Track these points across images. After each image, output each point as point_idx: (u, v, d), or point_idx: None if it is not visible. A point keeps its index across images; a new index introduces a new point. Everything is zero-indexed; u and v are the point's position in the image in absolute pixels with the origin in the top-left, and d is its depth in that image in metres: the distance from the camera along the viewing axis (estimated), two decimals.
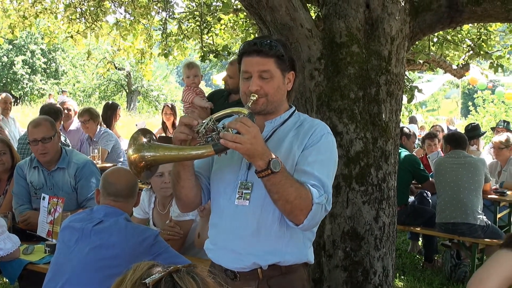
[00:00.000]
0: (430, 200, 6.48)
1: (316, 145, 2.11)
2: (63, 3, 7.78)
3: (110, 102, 8.02)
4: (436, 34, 5.93)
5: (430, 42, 5.98)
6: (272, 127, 2.22)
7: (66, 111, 6.79)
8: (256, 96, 2.10)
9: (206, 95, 5.04)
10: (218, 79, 15.71)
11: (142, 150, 1.96)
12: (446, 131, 10.75)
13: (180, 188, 2.21)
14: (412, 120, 15.60)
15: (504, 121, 9.43)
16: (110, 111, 7.44)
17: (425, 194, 6.48)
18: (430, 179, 6.00)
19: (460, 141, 5.87)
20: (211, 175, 2.29)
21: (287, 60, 2.14)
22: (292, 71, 2.19)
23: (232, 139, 1.84)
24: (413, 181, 6.22)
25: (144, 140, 1.98)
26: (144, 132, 2.04)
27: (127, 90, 31.79)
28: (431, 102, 36.94)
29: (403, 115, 16.06)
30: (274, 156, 1.93)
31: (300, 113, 2.31)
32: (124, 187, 2.86)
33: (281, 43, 2.15)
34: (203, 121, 1.98)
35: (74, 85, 32.44)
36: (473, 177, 5.49)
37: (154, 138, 2.04)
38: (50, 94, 27.11)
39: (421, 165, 6.07)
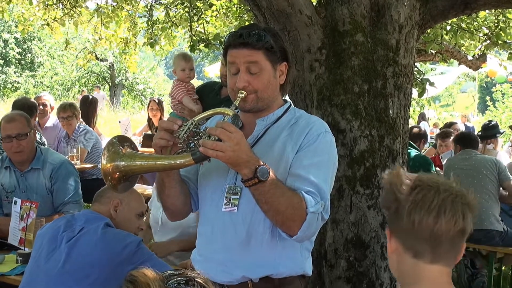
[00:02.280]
0: None
1: (312, 146, 2.10)
2: None
3: (90, 96, 8.01)
4: (449, 21, 5.93)
5: (443, 31, 5.97)
6: (265, 126, 2.21)
7: (41, 106, 6.78)
8: (245, 93, 2.09)
9: (196, 88, 5.03)
10: (211, 71, 15.68)
11: (116, 160, 1.97)
12: (461, 129, 10.74)
13: (166, 197, 2.21)
14: (423, 117, 15.58)
15: None
16: (91, 107, 7.43)
17: None
18: None
19: (470, 140, 5.91)
20: (198, 180, 2.29)
21: (277, 50, 2.13)
22: (284, 62, 2.18)
23: (212, 147, 1.84)
24: None
25: (119, 148, 1.98)
26: (121, 139, 2.04)
27: (110, 84, 31.70)
28: (445, 97, 37.00)
29: (414, 111, 16.09)
30: (261, 163, 1.92)
31: (297, 109, 2.30)
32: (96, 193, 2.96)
33: (270, 33, 2.14)
34: (185, 124, 1.98)
35: (51, 77, 32.29)
36: (485, 178, 5.48)
37: (132, 146, 2.04)
38: (83, 90, 26.96)
39: (433, 167, 6.07)
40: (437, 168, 6.31)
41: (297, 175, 2.05)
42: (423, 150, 6.90)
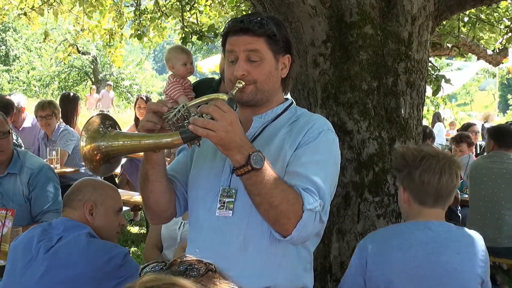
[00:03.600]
0: (460, 215, 6.49)
1: (313, 143, 2.11)
2: None
3: (71, 93, 8.01)
4: (467, 12, 5.94)
5: (460, 22, 5.99)
6: (262, 123, 2.22)
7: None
8: (243, 83, 2.10)
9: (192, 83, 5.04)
10: (205, 66, 15.67)
11: (97, 139, 1.96)
12: (480, 132, 10.71)
13: (148, 192, 2.21)
14: (438, 118, 15.52)
15: None
16: (71, 105, 7.42)
17: (453, 207, 6.47)
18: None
19: (506, 137, 5.52)
20: (188, 181, 2.29)
21: (280, 40, 2.15)
22: (287, 54, 2.20)
23: (203, 125, 1.83)
24: None
25: (100, 126, 1.97)
26: (103, 118, 2.03)
27: (92, 79, 31.72)
28: (463, 95, 37.11)
29: (428, 111, 16.10)
30: (256, 150, 1.92)
31: (298, 107, 2.32)
32: (64, 195, 2.95)
33: (273, 21, 2.16)
34: (175, 107, 1.98)
35: (28, 72, 32.31)
36: (511, 192, 5.26)
37: (116, 125, 2.04)
38: (91, 88, 26.77)
39: None
40: None
41: (295, 173, 2.05)
42: None
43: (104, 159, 1.98)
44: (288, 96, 2.47)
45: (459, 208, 6.54)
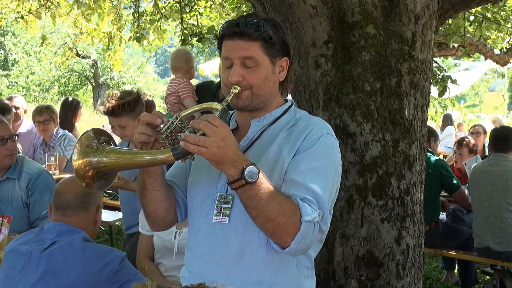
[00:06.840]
0: (465, 220, 6.45)
1: (311, 149, 2.09)
2: None
3: (71, 98, 8.01)
4: (472, 11, 5.94)
5: (466, 21, 5.98)
6: (260, 127, 2.22)
7: (13, 109, 6.79)
8: (238, 88, 2.10)
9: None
10: (207, 69, 15.67)
11: (89, 155, 1.96)
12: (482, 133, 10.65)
13: (147, 201, 2.21)
14: (450, 120, 15.28)
15: None
16: (72, 111, 7.41)
17: (458, 212, 6.43)
18: (462, 187, 5.92)
19: (505, 141, 5.62)
20: (187, 187, 2.30)
21: (277, 43, 2.14)
22: (285, 56, 2.20)
23: (195, 142, 1.83)
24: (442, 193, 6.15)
25: (94, 142, 1.98)
26: (97, 132, 2.04)
27: (93, 83, 31.75)
28: (471, 96, 37.07)
29: (436, 112, 16.04)
30: (250, 163, 1.92)
31: (298, 110, 2.31)
32: (72, 197, 2.89)
33: (270, 23, 2.15)
34: (169, 119, 1.99)
35: (27, 77, 32.34)
36: (511, 192, 5.31)
37: (110, 141, 2.04)
38: (145, 94, 26.73)
39: (451, 171, 6.00)
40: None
41: (293, 181, 2.04)
42: (442, 155, 6.82)
43: (97, 175, 1.98)
44: (289, 97, 2.46)
45: (465, 213, 6.52)
